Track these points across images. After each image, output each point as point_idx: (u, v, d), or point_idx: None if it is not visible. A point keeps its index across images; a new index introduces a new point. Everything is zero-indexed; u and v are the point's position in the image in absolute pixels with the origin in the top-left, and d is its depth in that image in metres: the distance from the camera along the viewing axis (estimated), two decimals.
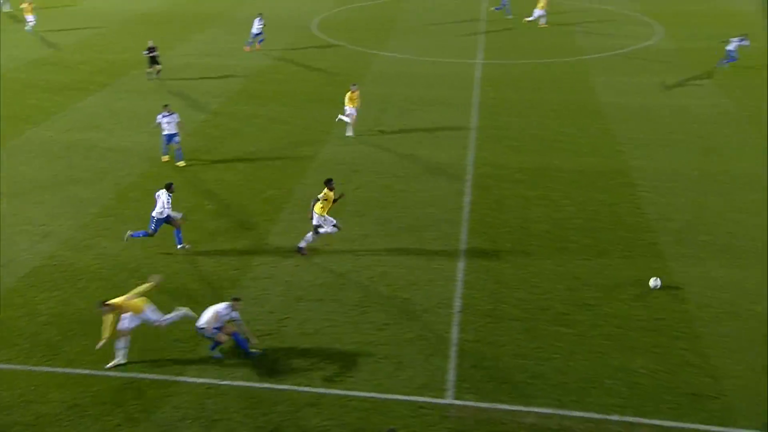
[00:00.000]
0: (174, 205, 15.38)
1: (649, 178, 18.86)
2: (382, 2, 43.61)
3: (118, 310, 11.77)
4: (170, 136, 19.69)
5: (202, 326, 11.96)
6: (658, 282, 13.91)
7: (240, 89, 26.99)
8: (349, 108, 21.61)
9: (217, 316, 11.89)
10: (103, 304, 11.75)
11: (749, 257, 14.98)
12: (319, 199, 15.00)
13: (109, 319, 11.72)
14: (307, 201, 16.53)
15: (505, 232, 16.33)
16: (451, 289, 14.11)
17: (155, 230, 15.19)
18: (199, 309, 12.28)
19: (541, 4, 36.54)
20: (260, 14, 32.08)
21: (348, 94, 21.62)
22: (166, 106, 19.98)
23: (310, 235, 15.21)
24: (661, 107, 24.35)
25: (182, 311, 12.36)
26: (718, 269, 14.60)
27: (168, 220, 15.20)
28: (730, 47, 26.99)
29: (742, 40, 26.85)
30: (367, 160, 20.35)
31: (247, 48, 31.75)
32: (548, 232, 16.26)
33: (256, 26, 31.45)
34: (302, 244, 15.27)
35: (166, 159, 19.85)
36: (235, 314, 12.08)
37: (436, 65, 30.08)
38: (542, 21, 36.64)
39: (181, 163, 19.72)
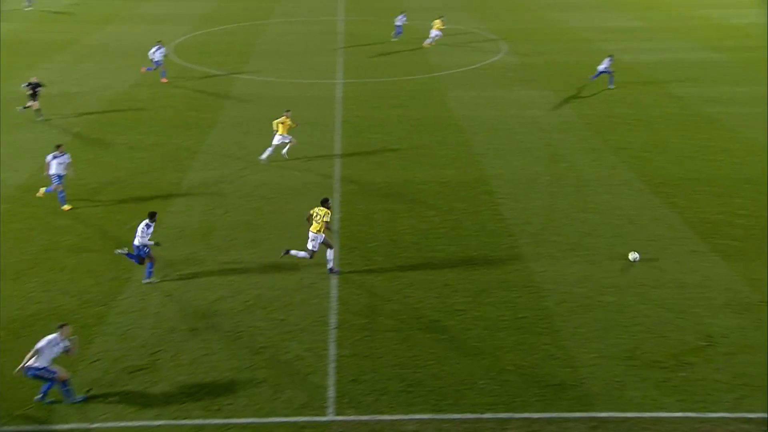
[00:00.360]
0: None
1: (505, 185, 19.91)
2: (238, 27, 43.09)
3: None
4: (59, 177, 18.10)
5: (38, 366, 10.80)
6: (637, 255, 15.38)
7: (95, 118, 25.52)
8: (278, 136, 20.95)
9: (45, 351, 10.82)
10: None
11: (597, 253, 16.19)
12: (311, 216, 14.83)
13: None
14: (176, 228, 15.86)
15: (375, 245, 16.56)
16: (326, 307, 14.08)
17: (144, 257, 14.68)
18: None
19: (437, 26, 37.94)
20: (159, 42, 30.32)
21: (281, 119, 21.08)
22: (58, 146, 18.42)
23: (329, 252, 15.12)
24: (512, 118, 25.85)
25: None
26: (571, 266, 15.65)
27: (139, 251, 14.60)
28: (602, 66, 28.77)
29: (610, 60, 28.66)
30: (234, 184, 19.92)
31: (164, 80, 29.96)
32: (416, 243, 16.69)
33: (158, 55, 29.58)
34: (330, 265, 15.17)
35: (67, 208, 18.24)
36: (66, 343, 11.10)
37: (298, 86, 30.10)
38: (427, 42, 37.83)
39: (66, 207, 18.17)
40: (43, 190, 18.46)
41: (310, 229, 14.96)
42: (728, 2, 52.31)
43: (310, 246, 15.03)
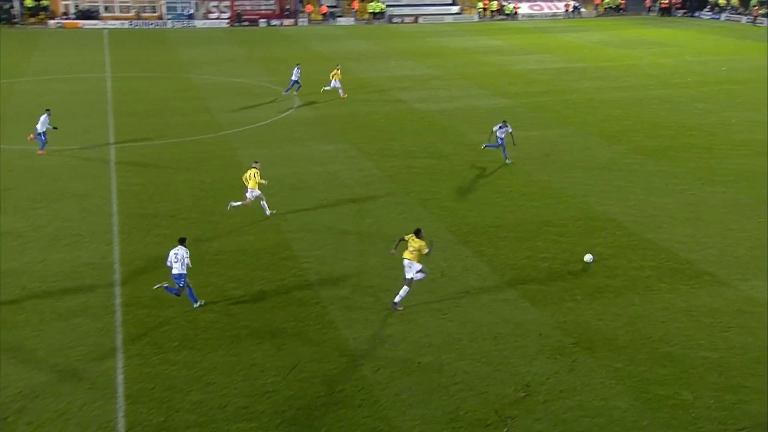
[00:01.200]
0: None
1: (310, 248, 20.16)
2: None
3: None
4: None
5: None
6: (591, 257, 18.32)
7: None
8: (250, 191, 21.86)
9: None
10: None
11: (412, 311, 16.85)
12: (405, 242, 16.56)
13: None
14: None
15: (168, 330, 15.80)
16: (112, 409, 13.06)
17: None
18: None
19: (336, 76, 39.20)
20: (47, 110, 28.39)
21: (251, 172, 21.87)
22: None
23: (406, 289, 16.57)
24: (312, 175, 26.46)
25: None
26: (386, 328, 16.12)
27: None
28: (498, 133, 27.47)
29: (502, 127, 28.33)
30: None
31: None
32: (217, 322, 16.20)
33: (42, 124, 27.74)
34: (396, 299, 16.68)
35: None
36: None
37: (63, 155, 28.33)
38: (328, 88, 39.21)
39: None
40: None
41: (406, 256, 16.62)
42: (511, 49, 58.99)
43: (418, 276, 16.57)
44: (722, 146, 30.08)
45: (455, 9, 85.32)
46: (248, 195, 21.98)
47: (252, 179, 21.86)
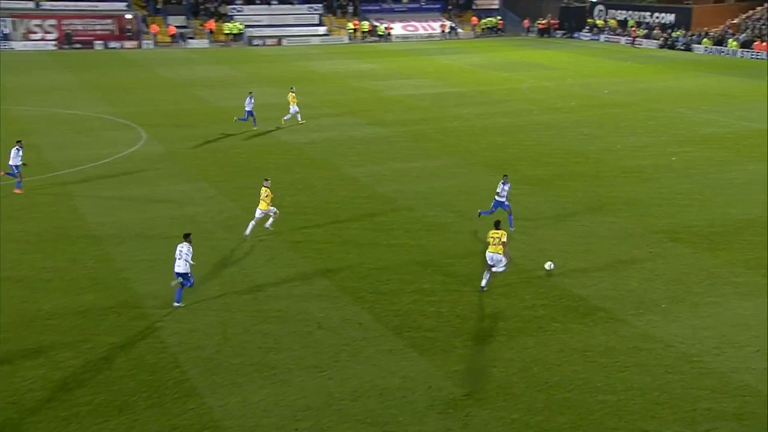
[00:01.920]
0: None
1: (164, 304, 19.50)
2: None
3: None
4: None
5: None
6: (551, 266, 21.22)
7: None
8: (259, 210, 23.85)
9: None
10: None
11: (286, 370, 16.61)
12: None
13: None
14: None
15: None
16: None
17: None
18: None
19: (293, 101, 40.07)
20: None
21: (264, 192, 23.78)
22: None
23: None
24: (163, 220, 25.74)
25: None
26: (257, 391, 15.77)
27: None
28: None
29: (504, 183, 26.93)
30: None
31: None
32: (50, 400, 15.28)
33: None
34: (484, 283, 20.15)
35: None
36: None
37: None
38: (299, 118, 40.45)
39: None
40: None
41: (491, 251, 19.88)
42: (386, 73, 60.55)
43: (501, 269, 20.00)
44: (609, 173, 32.05)
45: (322, 30, 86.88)
46: (271, 212, 24.14)
47: (265, 199, 23.79)
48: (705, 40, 76.55)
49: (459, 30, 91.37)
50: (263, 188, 24.02)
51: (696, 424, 14.69)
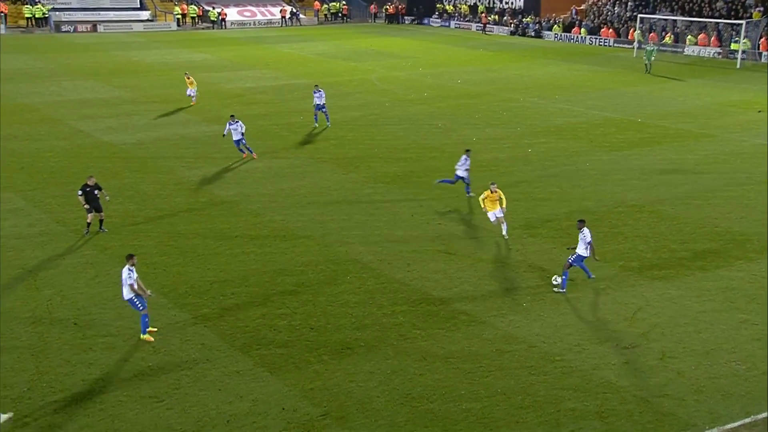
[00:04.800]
0: None
1: None
2: None
3: None
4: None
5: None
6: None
7: None
8: None
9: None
10: None
11: (115, 402, 16.02)
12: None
13: None
14: None
15: None
16: None
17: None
18: None
19: (192, 84, 41.53)
20: None
21: None
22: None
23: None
24: None
25: None
26: (82, 430, 15.12)
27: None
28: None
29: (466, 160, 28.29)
30: None
31: None
32: None
33: None
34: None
35: None
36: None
37: None
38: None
39: None
40: None
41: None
42: (222, 64, 59.54)
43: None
44: None
45: (145, 15, 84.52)
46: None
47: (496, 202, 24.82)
48: (555, 26, 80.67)
49: (301, 16, 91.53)
50: (491, 191, 24.60)
51: (560, 426, 15.43)
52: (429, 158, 34.59)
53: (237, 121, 33.01)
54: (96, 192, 24.48)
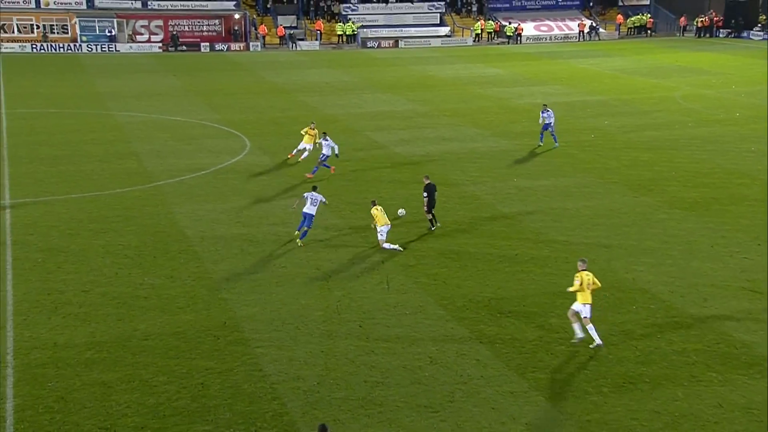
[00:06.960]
0: None
1: (264, 328, 20.04)
2: None
3: None
4: None
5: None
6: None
7: None
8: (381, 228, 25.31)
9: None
10: None
11: (393, 407, 16.71)
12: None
13: None
14: None
15: None
16: None
17: None
18: None
19: (311, 138, 41.43)
20: None
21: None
22: None
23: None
24: (266, 236, 26.46)
25: None
26: (363, 429, 15.95)
27: None
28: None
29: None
30: None
31: None
32: (143, 427, 15.94)
33: None
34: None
35: None
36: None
37: None
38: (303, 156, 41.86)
39: None
40: None
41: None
42: (513, 79, 60.25)
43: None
44: None
45: (444, 31, 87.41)
46: (379, 236, 25.36)
47: (379, 216, 25.35)
48: None
49: (601, 30, 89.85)
50: (374, 209, 25.37)
51: None
52: (736, 185, 32.47)
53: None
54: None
